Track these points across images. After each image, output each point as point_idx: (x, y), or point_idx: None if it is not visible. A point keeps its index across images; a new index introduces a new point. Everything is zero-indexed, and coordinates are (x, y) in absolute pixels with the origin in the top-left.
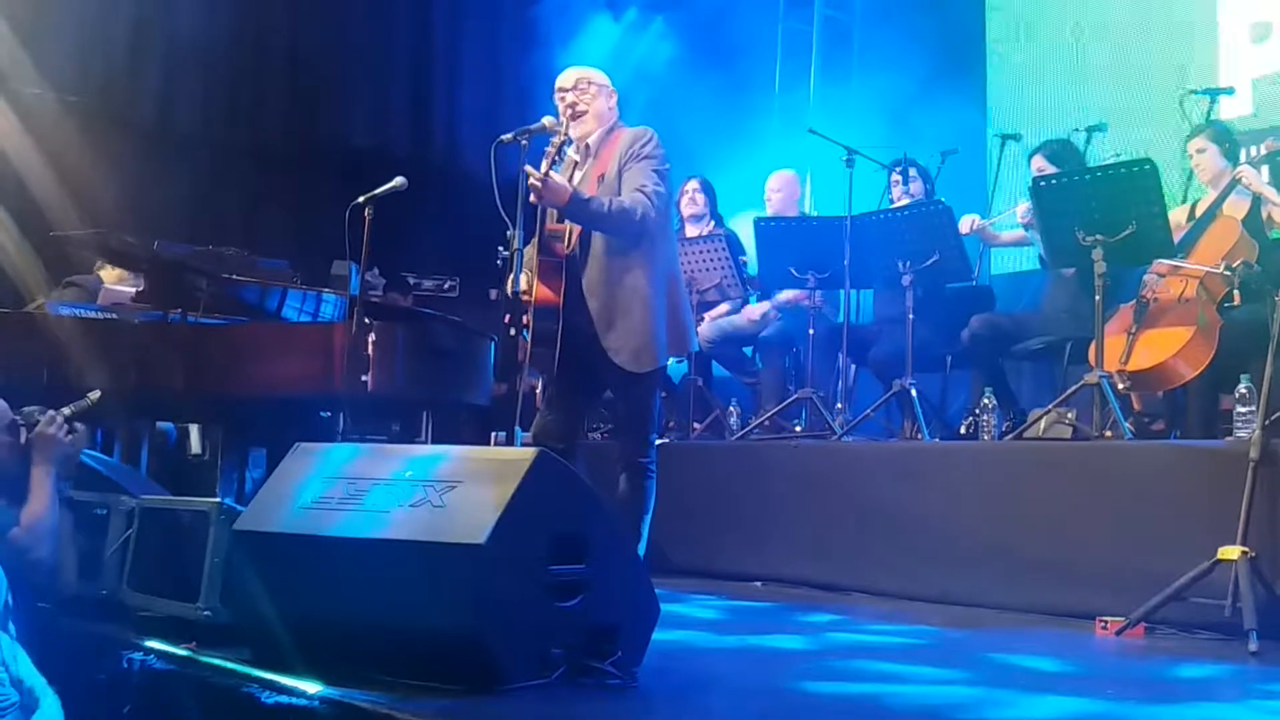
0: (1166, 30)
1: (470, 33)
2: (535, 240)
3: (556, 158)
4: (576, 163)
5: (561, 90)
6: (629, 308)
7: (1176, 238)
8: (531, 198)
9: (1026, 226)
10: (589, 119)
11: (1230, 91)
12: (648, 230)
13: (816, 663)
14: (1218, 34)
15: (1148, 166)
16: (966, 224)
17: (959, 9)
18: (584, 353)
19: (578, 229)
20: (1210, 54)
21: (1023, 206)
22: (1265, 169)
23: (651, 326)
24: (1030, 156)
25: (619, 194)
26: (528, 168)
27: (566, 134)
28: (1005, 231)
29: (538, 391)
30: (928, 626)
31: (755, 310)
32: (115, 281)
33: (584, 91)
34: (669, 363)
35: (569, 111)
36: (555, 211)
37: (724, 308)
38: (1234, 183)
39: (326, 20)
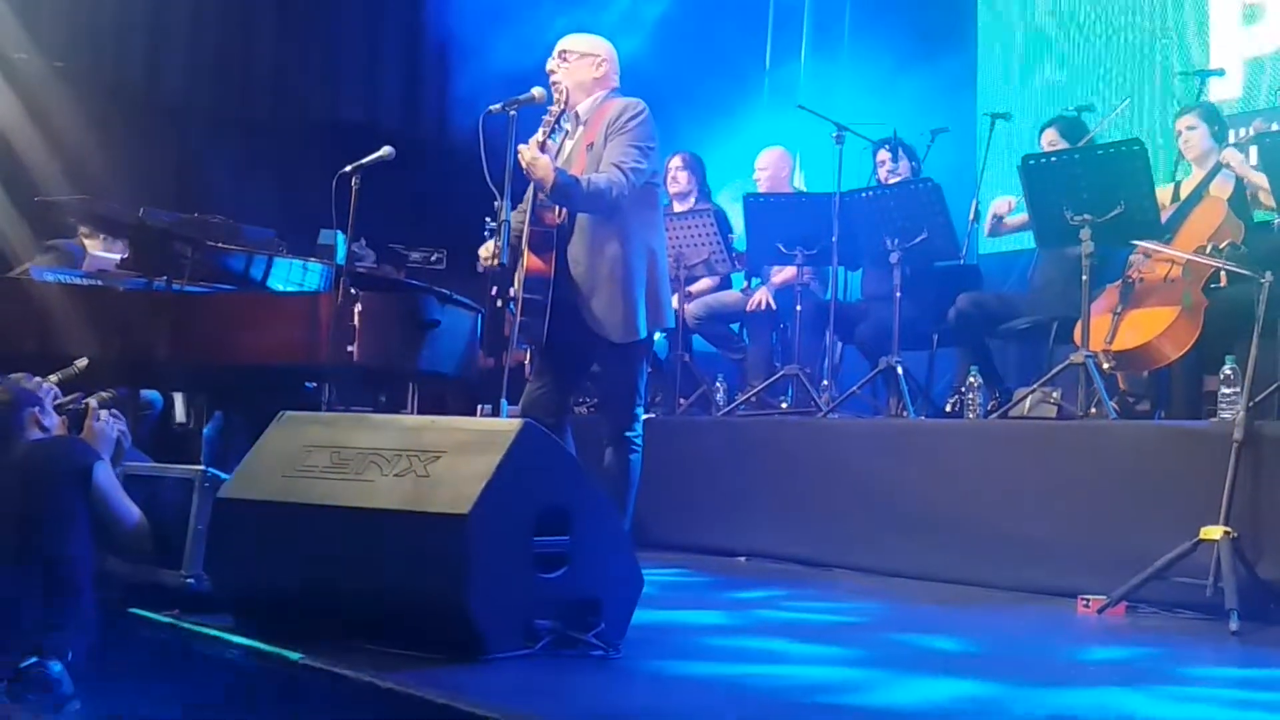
0: (1157, 10)
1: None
2: (526, 209)
3: (555, 126)
4: (567, 132)
5: (550, 59)
6: (609, 279)
7: (1162, 218)
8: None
9: None
10: (567, 88)
11: (1220, 73)
12: (619, 206)
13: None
14: (1209, 15)
15: (1137, 147)
16: (1004, 205)
17: None
18: (571, 323)
19: None
20: (1201, 35)
21: None
22: (1253, 150)
23: (630, 298)
24: (1041, 130)
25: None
26: (520, 145)
27: (564, 107)
28: (1011, 218)
29: (526, 364)
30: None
31: (759, 296)
32: (97, 248)
33: (565, 61)
34: (653, 336)
35: (555, 85)
36: None
37: (706, 283)
38: (1219, 165)
39: None
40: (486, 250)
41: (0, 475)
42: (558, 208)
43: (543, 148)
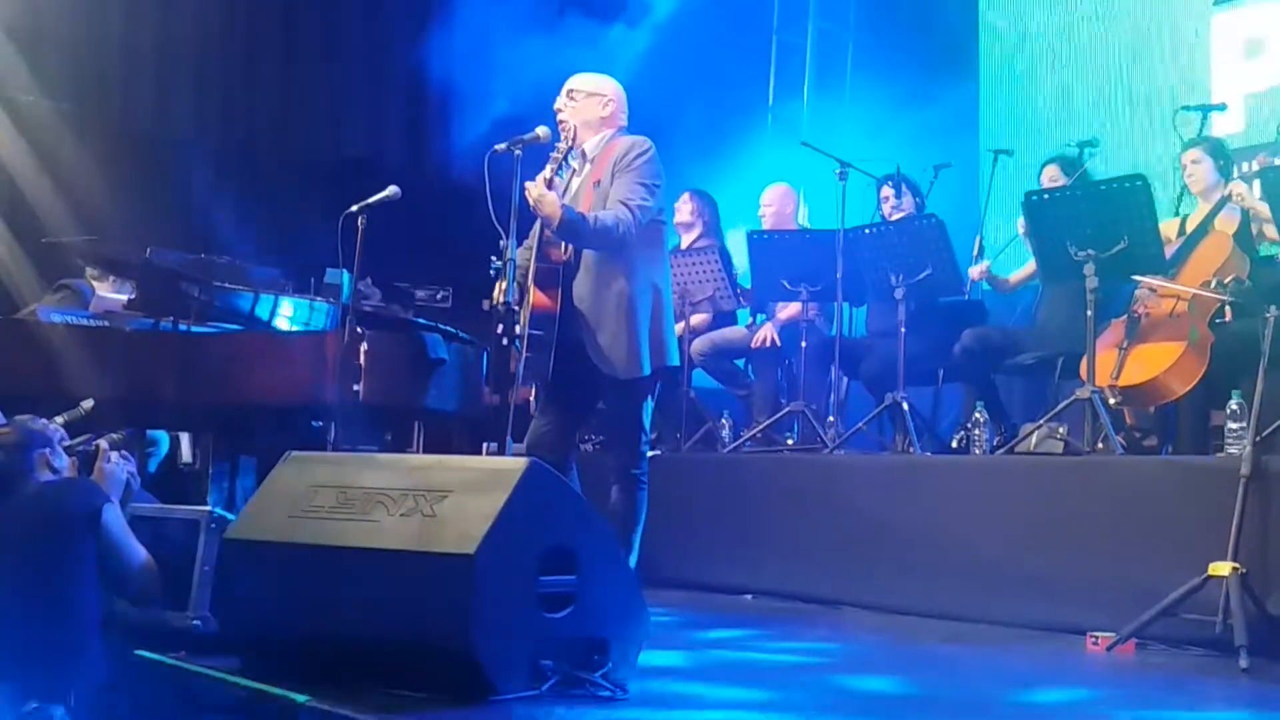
0: (1159, 46)
1: (463, 43)
2: (532, 246)
3: (563, 163)
4: (575, 170)
5: (558, 98)
6: (614, 315)
7: (1167, 252)
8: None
9: (1025, 235)
10: (574, 126)
11: (1222, 108)
12: (626, 243)
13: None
14: (1210, 50)
15: (1140, 182)
16: (976, 272)
17: (952, 23)
18: (577, 359)
19: None
20: (1203, 70)
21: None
22: (1256, 184)
23: (634, 335)
24: (1042, 166)
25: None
26: (527, 183)
27: (571, 144)
28: (1013, 274)
29: (531, 401)
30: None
31: (764, 333)
32: (106, 289)
33: (572, 100)
34: (658, 373)
35: (562, 123)
36: None
37: (705, 318)
38: (1225, 199)
39: (321, 29)
40: (500, 292)
41: (10, 516)
42: (564, 245)
43: (549, 185)
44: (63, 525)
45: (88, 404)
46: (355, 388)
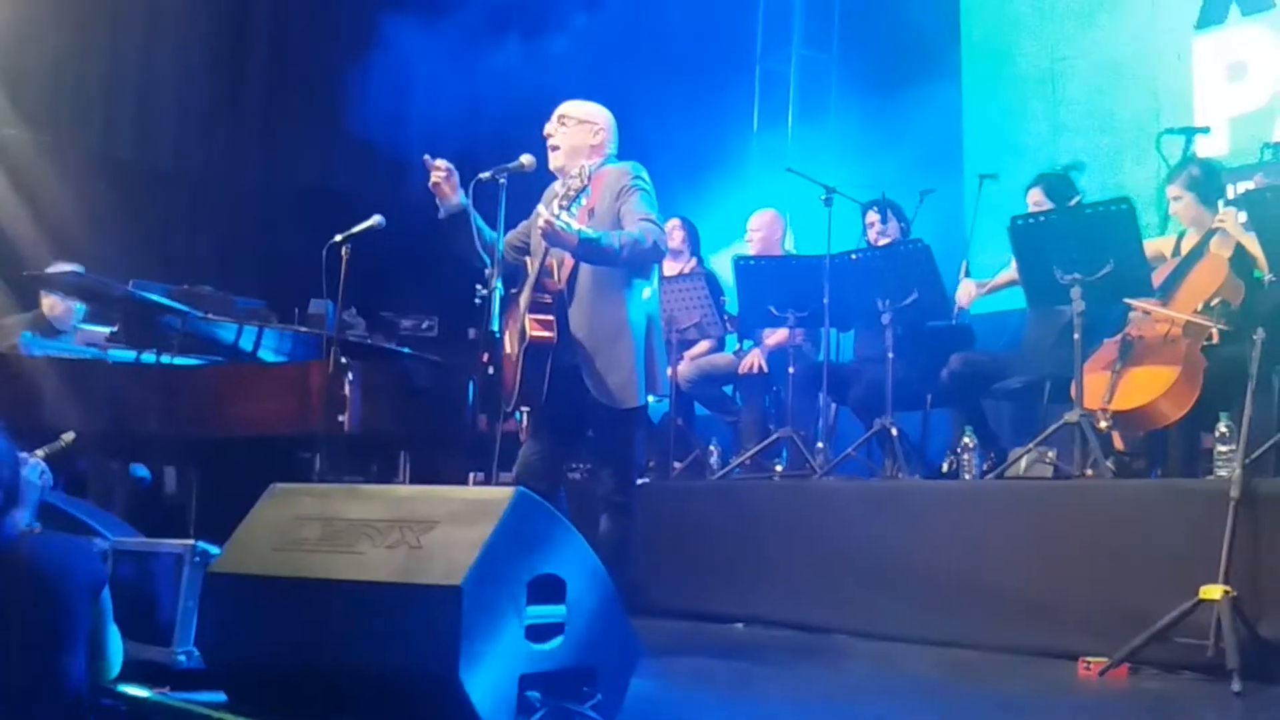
0: (1141, 69)
1: (448, 69)
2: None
3: (576, 199)
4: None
5: (548, 123)
6: (611, 345)
7: (1163, 272)
8: (538, 234)
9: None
10: (561, 154)
11: (1206, 131)
12: (661, 256)
13: None
14: (1193, 73)
15: (1125, 206)
16: (965, 296)
17: (936, 49)
18: (570, 388)
19: (568, 265)
20: (1186, 93)
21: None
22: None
23: (631, 364)
24: (1026, 190)
25: (612, 228)
26: (540, 207)
27: (587, 180)
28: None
29: (523, 429)
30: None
31: (751, 359)
32: (50, 310)
33: (563, 125)
34: (649, 402)
35: (553, 149)
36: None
37: (704, 345)
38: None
39: (303, 61)
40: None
41: (5, 576)
42: (558, 275)
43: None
44: (65, 595)
45: (69, 436)
46: (340, 418)
